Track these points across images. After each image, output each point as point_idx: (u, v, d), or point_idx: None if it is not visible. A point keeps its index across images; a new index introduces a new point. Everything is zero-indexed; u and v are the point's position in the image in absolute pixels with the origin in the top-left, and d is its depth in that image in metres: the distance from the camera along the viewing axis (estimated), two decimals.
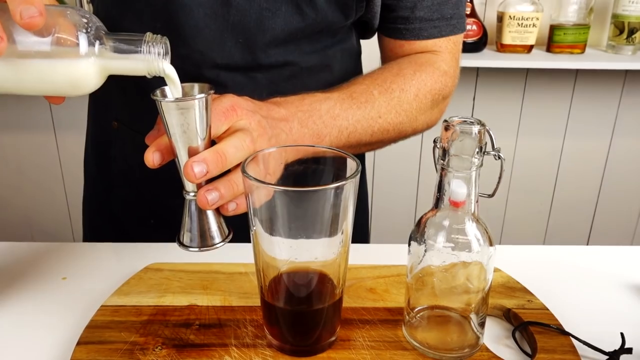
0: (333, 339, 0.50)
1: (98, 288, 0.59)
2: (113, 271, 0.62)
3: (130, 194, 0.77)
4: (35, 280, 0.61)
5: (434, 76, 0.70)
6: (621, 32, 1.64)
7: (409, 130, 0.70)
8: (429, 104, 0.70)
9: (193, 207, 0.50)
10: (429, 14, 0.71)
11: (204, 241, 0.50)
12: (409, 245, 0.49)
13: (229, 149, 0.48)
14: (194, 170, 0.46)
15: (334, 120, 0.62)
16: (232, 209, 0.50)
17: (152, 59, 0.44)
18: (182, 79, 0.51)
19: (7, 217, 1.97)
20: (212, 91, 0.47)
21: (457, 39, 0.75)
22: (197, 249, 0.50)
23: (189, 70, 0.65)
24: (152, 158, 0.49)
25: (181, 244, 0.51)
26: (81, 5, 1.61)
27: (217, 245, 0.50)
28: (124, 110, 0.75)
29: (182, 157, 0.48)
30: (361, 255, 0.62)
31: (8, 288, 0.60)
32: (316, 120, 0.60)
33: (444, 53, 0.73)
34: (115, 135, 0.76)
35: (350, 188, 0.43)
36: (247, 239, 0.48)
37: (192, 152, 0.47)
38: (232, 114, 0.51)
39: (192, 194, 0.49)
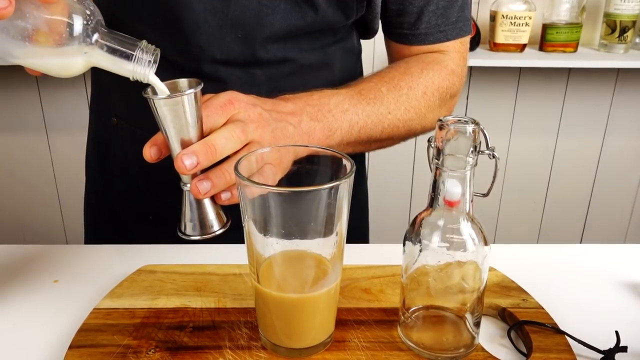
0: (328, 339, 0.49)
1: (90, 291, 0.59)
2: (105, 273, 0.62)
3: (130, 190, 0.77)
4: (27, 283, 0.60)
5: (441, 74, 0.71)
6: (613, 30, 1.65)
7: (418, 128, 0.70)
8: (437, 102, 0.71)
9: (191, 197, 0.51)
10: (434, 19, 0.71)
11: (204, 229, 0.52)
12: (404, 245, 0.48)
13: (219, 140, 0.49)
14: (184, 162, 0.47)
15: (343, 114, 0.62)
16: (225, 198, 0.51)
17: (140, 65, 0.46)
18: (182, 74, 0.52)
19: None
20: (200, 86, 0.48)
21: (464, 40, 0.75)
22: (198, 236, 0.52)
23: (188, 65, 0.66)
24: (150, 153, 0.50)
25: (182, 233, 0.52)
26: None
27: (217, 232, 0.52)
28: (123, 106, 0.75)
29: (175, 150, 0.49)
30: (356, 255, 0.61)
31: None
32: (326, 114, 0.60)
33: (451, 52, 0.74)
34: (114, 131, 0.76)
35: (344, 188, 0.43)
36: (241, 240, 0.47)
37: (184, 146, 0.49)
38: (229, 107, 0.52)
39: (188, 185, 0.51)
